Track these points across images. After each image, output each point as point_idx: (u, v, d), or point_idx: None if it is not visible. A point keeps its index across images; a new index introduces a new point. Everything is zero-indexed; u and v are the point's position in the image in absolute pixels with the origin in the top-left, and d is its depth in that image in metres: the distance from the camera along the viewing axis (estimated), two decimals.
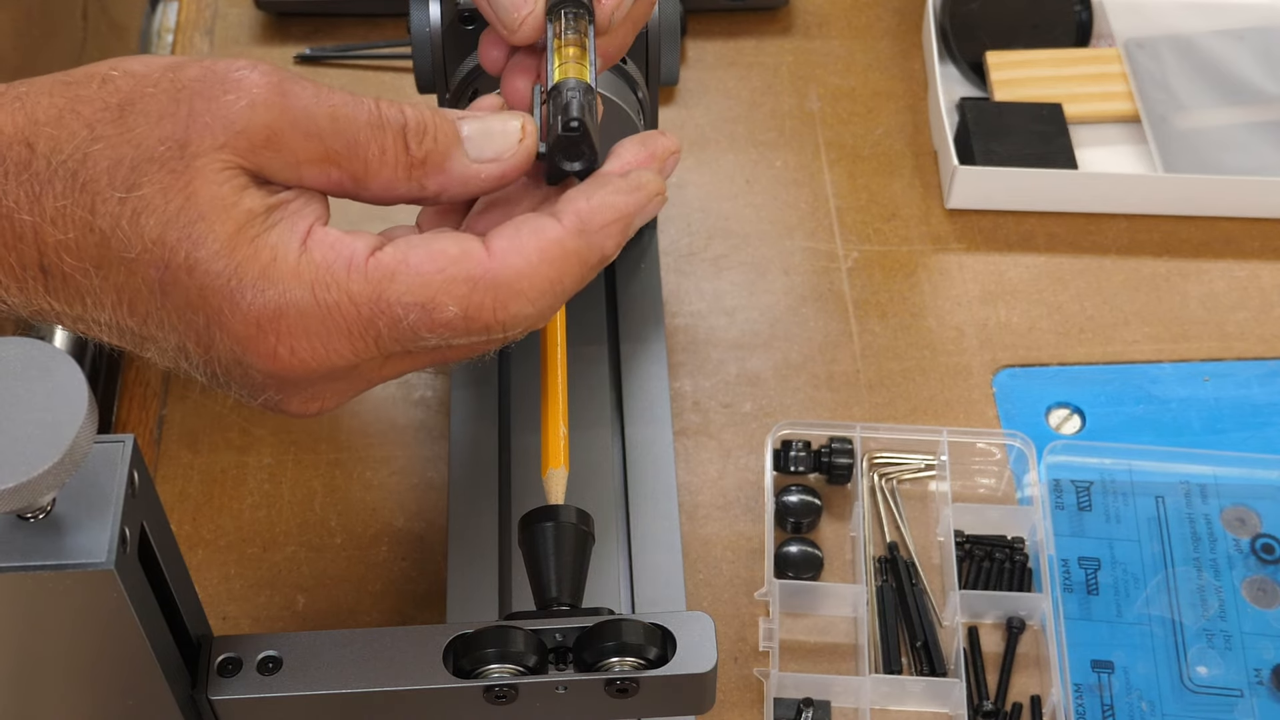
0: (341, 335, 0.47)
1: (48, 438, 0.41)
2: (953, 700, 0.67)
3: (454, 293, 0.47)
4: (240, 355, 0.47)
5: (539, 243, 0.48)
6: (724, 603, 0.71)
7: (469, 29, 0.66)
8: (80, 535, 0.43)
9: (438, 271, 0.47)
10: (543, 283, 0.48)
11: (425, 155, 0.49)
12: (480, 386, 0.73)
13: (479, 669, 0.51)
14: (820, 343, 0.80)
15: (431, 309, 0.47)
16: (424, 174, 0.49)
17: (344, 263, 0.47)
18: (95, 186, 0.45)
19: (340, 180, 0.49)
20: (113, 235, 0.46)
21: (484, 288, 0.47)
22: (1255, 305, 0.82)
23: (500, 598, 0.66)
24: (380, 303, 0.47)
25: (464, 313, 0.47)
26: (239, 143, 0.46)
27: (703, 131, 0.89)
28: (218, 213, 0.46)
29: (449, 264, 0.47)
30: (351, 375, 0.50)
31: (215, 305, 0.46)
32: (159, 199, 0.45)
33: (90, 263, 0.46)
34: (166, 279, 0.46)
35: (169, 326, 0.48)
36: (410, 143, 0.49)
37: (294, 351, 0.47)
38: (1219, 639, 0.70)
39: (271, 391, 0.50)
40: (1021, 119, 0.86)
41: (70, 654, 0.47)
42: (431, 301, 0.47)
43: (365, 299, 0.47)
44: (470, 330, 0.48)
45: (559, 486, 0.57)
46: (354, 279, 0.47)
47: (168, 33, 0.95)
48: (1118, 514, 0.74)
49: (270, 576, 0.72)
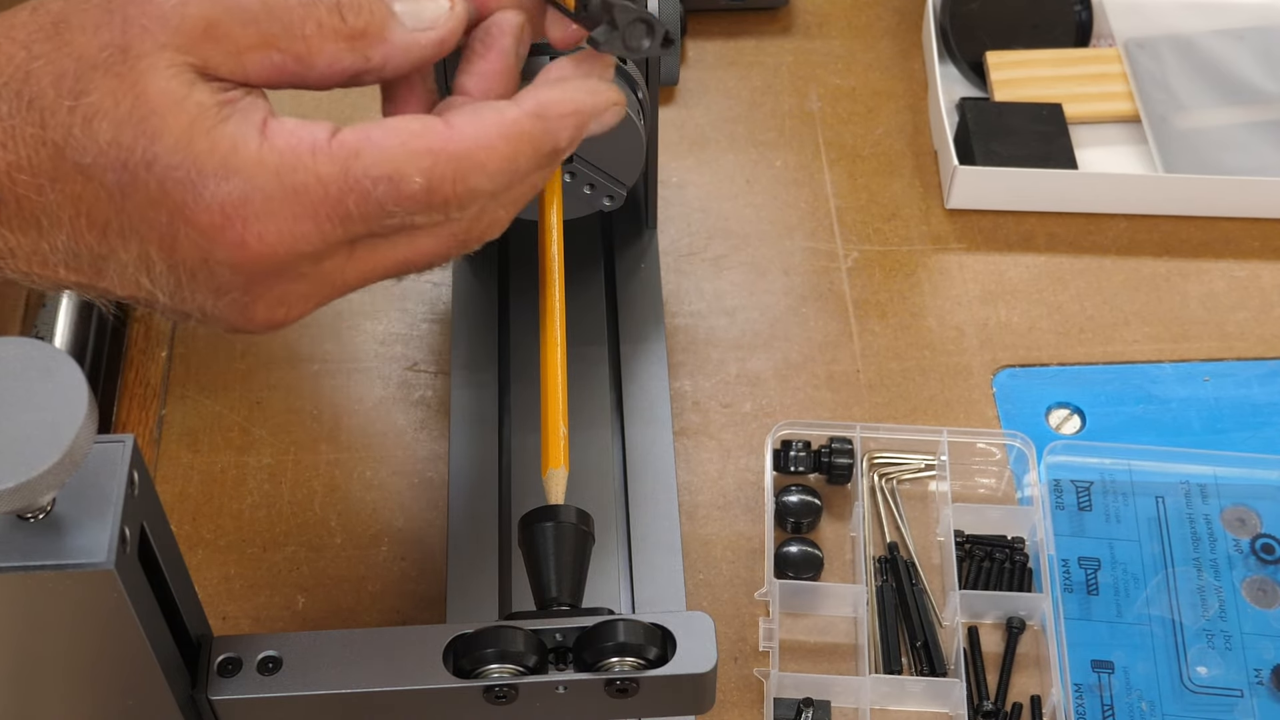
0: (309, 217, 0.47)
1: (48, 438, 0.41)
2: (953, 700, 0.67)
3: (418, 164, 0.47)
4: (207, 250, 0.47)
5: (498, 120, 0.49)
6: (724, 603, 0.71)
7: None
8: (80, 535, 0.43)
9: (400, 144, 0.48)
10: (500, 159, 0.49)
11: (364, 26, 0.49)
12: (480, 387, 0.73)
13: (479, 669, 0.51)
14: (820, 343, 0.80)
15: (398, 180, 0.47)
16: (366, 45, 0.49)
17: (307, 146, 0.47)
18: (42, 101, 0.46)
19: (284, 64, 0.48)
20: (66, 145, 0.46)
21: (445, 159, 0.48)
22: (1255, 305, 0.82)
23: (500, 598, 0.66)
24: (348, 178, 0.47)
25: (427, 184, 0.48)
26: (178, 39, 0.47)
27: (703, 131, 0.89)
28: (169, 107, 0.46)
29: (411, 137, 0.48)
30: (318, 272, 0.50)
31: (178, 199, 0.46)
32: (109, 102, 0.46)
33: (45, 177, 0.46)
34: (125, 180, 0.46)
35: (130, 232, 0.47)
36: (346, 15, 0.49)
37: (261, 238, 0.47)
38: (1219, 639, 0.70)
39: (238, 292, 0.49)
40: (1021, 119, 0.86)
41: (70, 654, 0.47)
42: (397, 173, 0.47)
43: (332, 177, 0.47)
44: (432, 204, 0.48)
45: (559, 486, 0.57)
46: (320, 159, 0.47)
47: None
48: (1118, 514, 0.74)
49: (270, 576, 0.72)
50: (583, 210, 0.71)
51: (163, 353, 0.79)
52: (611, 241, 0.78)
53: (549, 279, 0.63)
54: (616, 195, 0.70)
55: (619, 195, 0.70)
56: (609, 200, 0.70)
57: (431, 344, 0.79)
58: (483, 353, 0.74)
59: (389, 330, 0.80)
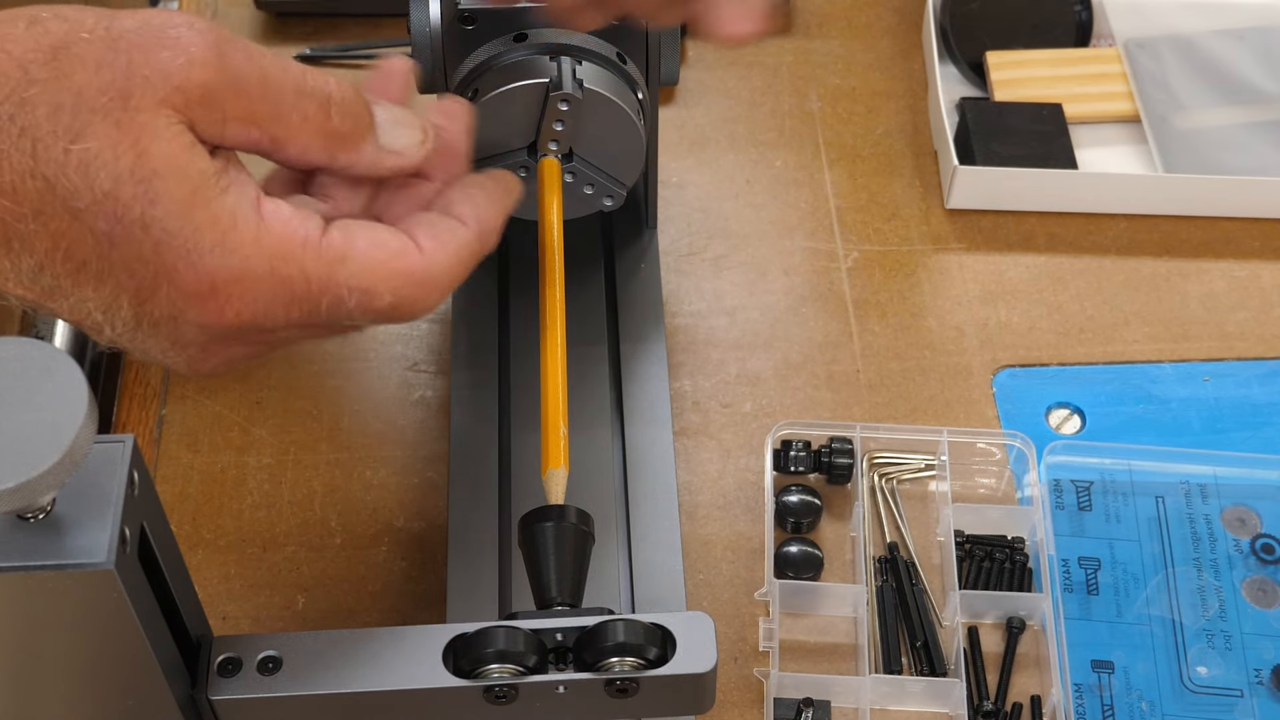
0: (286, 304, 0.49)
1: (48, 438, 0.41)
2: (953, 700, 0.67)
3: (391, 284, 0.50)
4: (182, 310, 0.49)
5: (456, 245, 0.52)
6: (724, 603, 0.71)
7: (469, 29, 0.66)
8: (80, 535, 0.43)
9: (381, 263, 0.50)
10: (454, 280, 0.53)
11: (345, 131, 0.51)
12: (480, 387, 0.73)
13: (479, 669, 0.51)
14: (820, 343, 0.80)
15: (371, 296, 0.50)
16: (339, 147, 0.51)
17: (300, 239, 0.49)
18: (36, 133, 0.46)
19: (259, 140, 0.50)
20: (58, 184, 0.46)
21: (415, 283, 0.51)
22: (1255, 305, 0.82)
23: (500, 598, 0.66)
24: (330, 283, 0.49)
25: (394, 303, 0.51)
26: (176, 99, 0.47)
27: (703, 131, 0.89)
28: (172, 172, 0.47)
29: (390, 257, 0.51)
30: (269, 341, 0.52)
31: (169, 263, 0.47)
32: (108, 153, 0.46)
33: (29, 208, 0.46)
34: (117, 232, 0.47)
35: (106, 276, 0.48)
36: (333, 114, 0.51)
37: (239, 313, 0.49)
38: (1219, 639, 0.70)
39: (195, 349, 0.51)
40: (1021, 119, 0.86)
41: (70, 654, 0.47)
42: (372, 289, 0.50)
43: (316, 277, 0.49)
44: (392, 317, 0.51)
45: (559, 486, 0.57)
46: (309, 257, 0.49)
47: None
48: (1118, 514, 0.74)
49: (270, 576, 0.72)
50: (583, 210, 0.71)
51: None
52: (611, 241, 0.78)
53: (549, 279, 0.63)
54: (616, 195, 0.70)
55: (619, 195, 0.70)
56: (609, 200, 0.70)
57: (431, 344, 0.79)
58: (483, 353, 0.74)
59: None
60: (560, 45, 0.65)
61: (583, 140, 0.67)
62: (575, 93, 0.65)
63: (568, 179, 0.68)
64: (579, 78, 0.65)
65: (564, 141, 0.67)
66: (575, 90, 0.65)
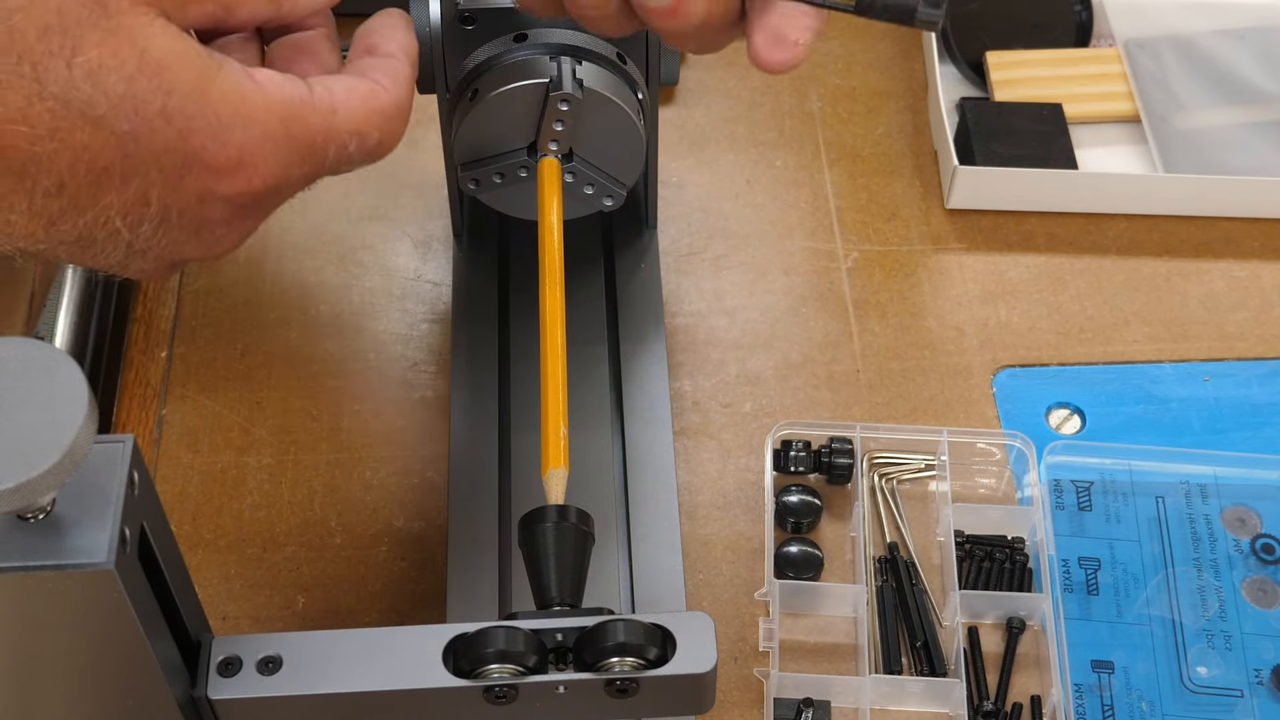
0: (301, 161, 0.53)
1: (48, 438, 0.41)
2: (953, 700, 0.67)
3: (374, 122, 0.55)
4: (211, 188, 0.51)
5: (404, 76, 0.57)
6: (724, 603, 0.71)
7: (469, 29, 0.66)
8: (80, 535, 0.43)
9: (362, 105, 0.55)
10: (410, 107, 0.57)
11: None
12: (480, 386, 0.73)
13: (479, 669, 0.51)
14: (820, 343, 0.80)
15: (364, 137, 0.55)
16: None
17: (300, 99, 0.53)
18: (32, 56, 0.47)
19: (213, 11, 0.53)
20: (71, 98, 0.47)
21: (389, 117, 0.56)
22: (1255, 305, 0.82)
23: (500, 598, 0.66)
24: (332, 132, 0.53)
25: (380, 139, 0.55)
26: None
27: (703, 131, 0.89)
28: (177, 60, 0.49)
29: (367, 98, 0.55)
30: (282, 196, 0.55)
31: (196, 145, 0.50)
32: (111, 60, 0.48)
33: (44, 129, 0.47)
34: (140, 129, 0.49)
35: (132, 175, 0.50)
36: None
37: (265, 179, 0.52)
38: (1219, 639, 0.70)
39: (220, 227, 0.54)
40: (1021, 119, 0.86)
41: (70, 654, 0.47)
42: (364, 131, 0.55)
43: (322, 130, 0.53)
44: (377, 153, 0.56)
45: (559, 486, 0.57)
46: (310, 113, 0.53)
47: None
48: (1118, 514, 0.74)
49: (270, 576, 0.72)
50: (583, 210, 0.71)
51: (163, 353, 0.79)
52: (611, 241, 0.78)
53: (549, 279, 0.63)
54: (616, 195, 0.70)
55: (619, 195, 0.70)
56: (609, 200, 0.70)
57: (431, 344, 0.79)
58: (482, 353, 0.74)
59: (389, 330, 0.80)
60: (560, 45, 0.65)
61: (583, 140, 0.67)
62: (575, 93, 0.65)
63: (568, 179, 0.68)
64: (579, 78, 0.65)
65: (564, 141, 0.67)
66: (575, 90, 0.65)
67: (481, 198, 0.70)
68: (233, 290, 0.82)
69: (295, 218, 0.84)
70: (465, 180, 0.69)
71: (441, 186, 0.84)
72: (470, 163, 0.68)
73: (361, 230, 0.84)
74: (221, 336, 0.80)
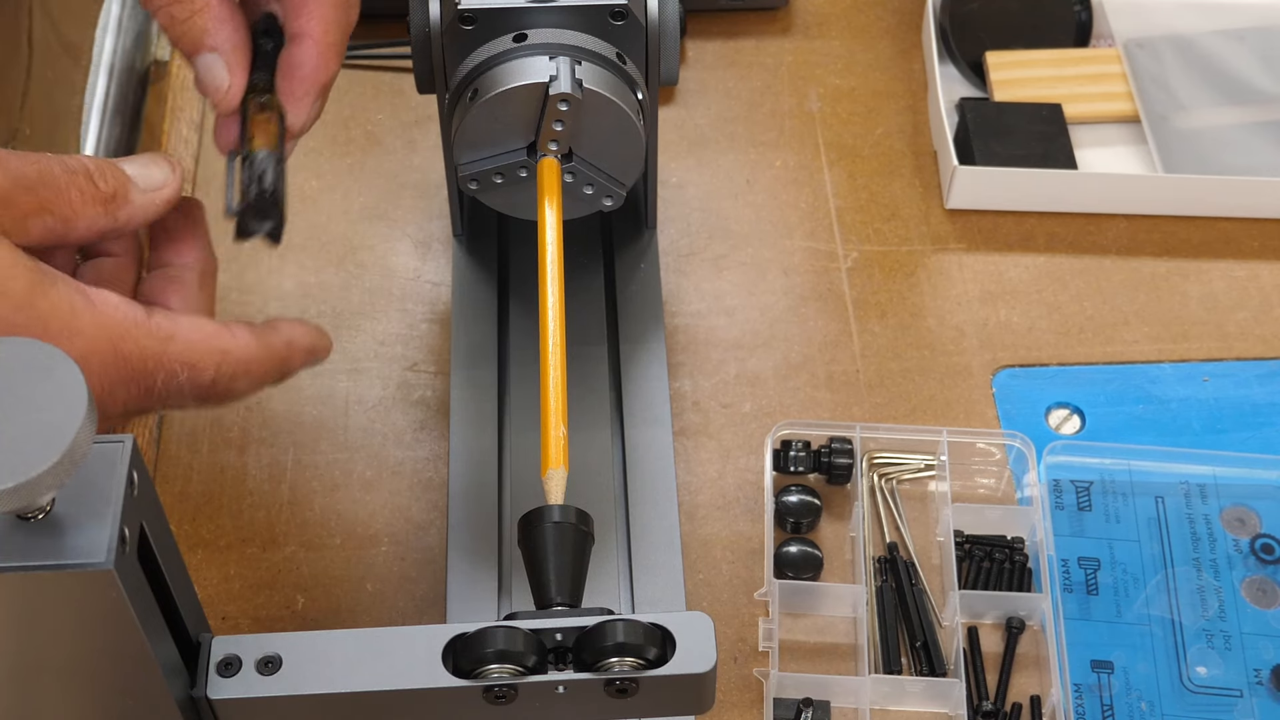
0: (125, 382, 0.53)
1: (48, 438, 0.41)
2: (952, 700, 0.67)
3: (213, 359, 0.55)
4: None
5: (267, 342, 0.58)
6: (724, 603, 0.71)
7: (469, 29, 0.66)
8: (80, 535, 0.43)
9: (203, 340, 0.55)
10: (262, 372, 0.57)
11: (113, 190, 0.56)
12: (480, 387, 0.73)
13: (479, 669, 0.51)
14: (820, 343, 0.80)
15: (197, 371, 0.55)
16: (116, 206, 0.56)
17: (133, 321, 0.53)
18: None
19: (54, 227, 0.54)
20: None
21: (231, 361, 0.56)
22: (1255, 305, 0.82)
23: (500, 598, 0.66)
24: (163, 358, 0.54)
25: (214, 378, 0.55)
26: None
27: (703, 131, 0.89)
28: (8, 272, 0.50)
29: (210, 336, 0.55)
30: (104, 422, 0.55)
31: None
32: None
33: None
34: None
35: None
36: (97, 181, 0.55)
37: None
38: (1219, 639, 0.70)
39: None
40: (1021, 119, 0.86)
41: (70, 654, 0.47)
42: (198, 364, 0.55)
43: (153, 354, 0.53)
44: (210, 394, 0.56)
45: (559, 486, 0.57)
46: (143, 335, 0.53)
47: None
48: (1117, 514, 0.74)
49: (270, 576, 0.72)
50: (583, 210, 0.71)
51: None
52: (611, 241, 0.78)
53: (548, 279, 0.63)
54: (616, 195, 0.70)
55: (619, 195, 0.70)
56: (609, 200, 0.70)
57: (431, 344, 0.79)
58: (482, 353, 0.74)
59: (389, 330, 0.80)
60: (560, 45, 0.65)
61: (582, 140, 0.67)
62: (575, 93, 0.65)
63: (567, 179, 0.68)
64: (578, 78, 0.65)
65: (564, 141, 0.67)
66: (575, 90, 0.65)
67: (481, 198, 0.70)
68: (232, 290, 0.82)
69: (295, 218, 0.84)
70: (465, 180, 0.69)
71: (441, 186, 0.84)
72: (470, 163, 0.68)
73: (361, 230, 0.84)
74: None
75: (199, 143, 0.88)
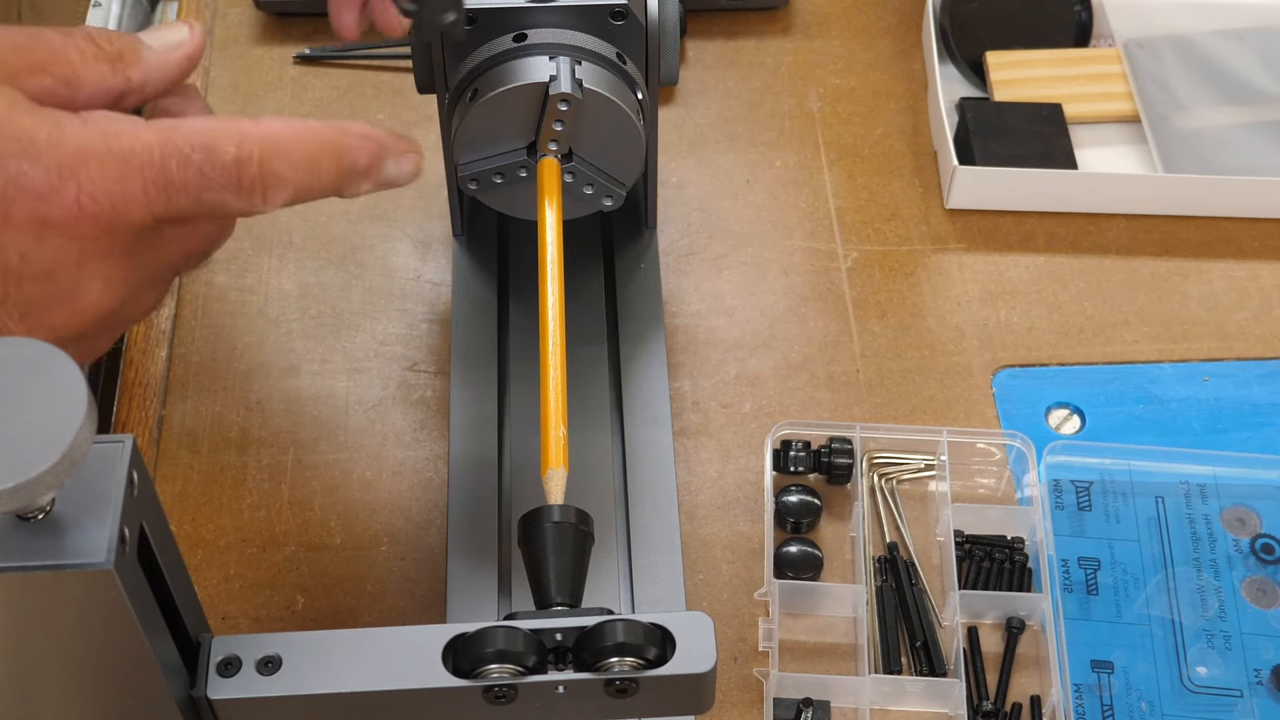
0: (137, 176, 0.50)
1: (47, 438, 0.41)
2: (953, 700, 0.67)
3: (229, 138, 0.52)
4: (44, 215, 0.50)
5: (303, 122, 0.54)
6: (724, 603, 0.71)
7: (469, 29, 0.66)
8: (80, 535, 0.43)
9: (213, 124, 0.52)
10: (303, 152, 0.53)
11: (119, 50, 0.54)
12: (480, 387, 0.73)
13: (479, 669, 0.51)
14: (820, 343, 0.80)
15: (213, 149, 0.51)
16: (125, 65, 0.54)
17: (127, 121, 0.51)
18: None
19: (54, 87, 0.52)
20: None
21: (254, 139, 0.52)
22: (1255, 305, 0.82)
23: (500, 598, 0.66)
24: (169, 144, 0.51)
25: (238, 156, 0.52)
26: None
27: (703, 131, 0.89)
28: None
29: (222, 120, 0.53)
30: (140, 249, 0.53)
31: (12, 170, 0.49)
32: None
33: None
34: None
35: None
36: (100, 42, 0.54)
37: (95, 198, 0.50)
38: (1219, 639, 0.70)
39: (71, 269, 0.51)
40: (1021, 119, 0.86)
41: (70, 654, 0.47)
42: (213, 143, 0.51)
43: (156, 143, 0.51)
44: (241, 181, 0.52)
45: (559, 486, 0.57)
46: (141, 129, 0.51)
47: None
48: (1117, 514, 0.74)
49: (270, 576, 0.72)
50: (583, 210, 0.71)
51: (163, 352, 0.79)
52: (611, 241, 0.78)
53: (548, 279, 0.63)
54: (616, 195, 0.70)
55: (619, 195, 0.70)
56: (609, 200, 0.70)
57: (431, 344, 0.79)
58: (482, 353, 0.74)
59: (389, 330, 0.80)
60: (560, 45, 0.65)
61: (582, 140, 0.67)
62: (575, 93, 0.65)
63: (567, 179, 0.68)
64: (578, 78, 0.65)
65: (564, 141, 0.67)
66: (575, 90, 0.65)
67: (481, 198, 0.70)
68: (232, 290, 0.82)
69: (295, 218, 0.84)
70: (465, 180, 0.69)
71: (441, 186, 0.84)
72: (470, 163, 0.68)
73: (361, 230, 0.84)
74: (221, 336, 0.80)
75: None
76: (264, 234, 0.84)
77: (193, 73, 0.57)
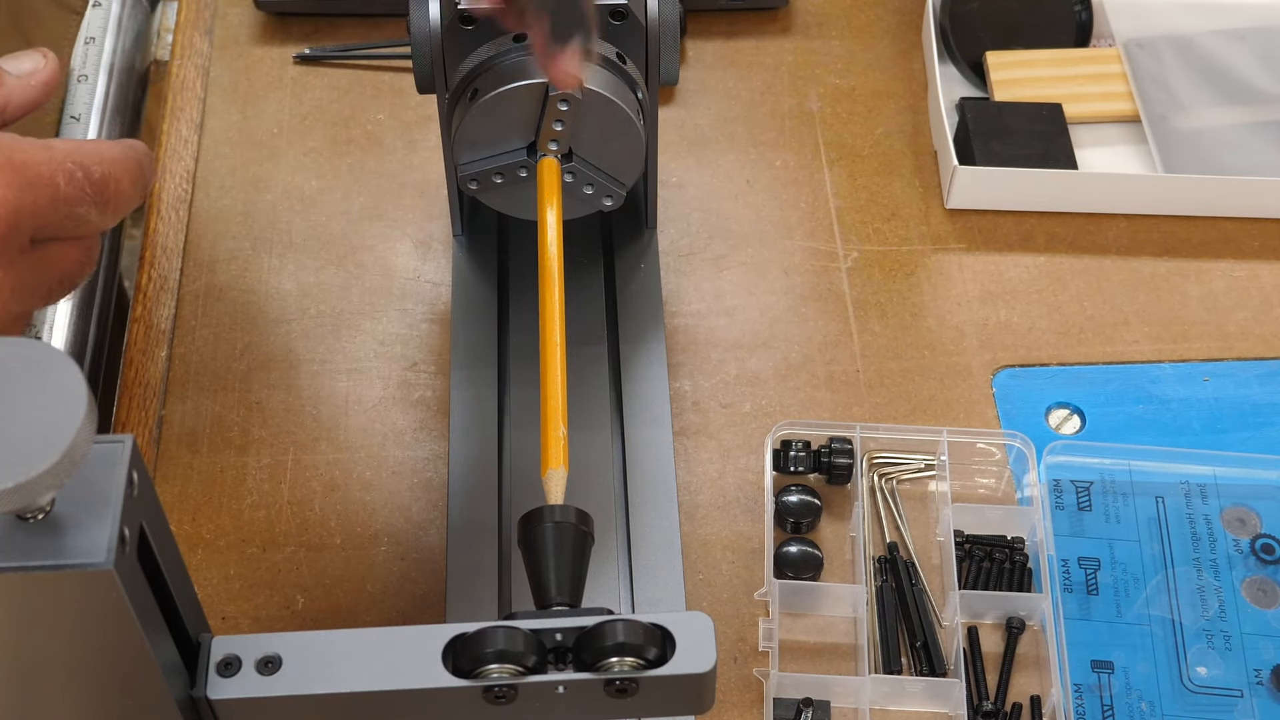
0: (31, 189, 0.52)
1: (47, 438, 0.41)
2: (953, 700, 0.67)
3: (94, 158, 0.55)
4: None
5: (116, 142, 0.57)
6: (724, 603, 0.71)
7: (469, 29, 0.66)
8: (79, 535, 0.43)
9: (76, 145, 0.55)
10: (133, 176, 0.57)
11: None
12: (480, 387, 0.73)
13: (479, 669, 0.51)
14: (820, 343, 0.80)
15: (88, 169, 0.54)
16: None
17: (15, 136, 0.53)
18: None
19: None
20: None
21: (107, 159, 0.55)
22: (1255, 305, 0.82)
23: (500, 598, 0.66)
24: (53, 162, 0.53)
25: (103, 176, 0.55)
26: None
27: (703, 131, 0.89)
28: None
29: (80, 141, 0.55)
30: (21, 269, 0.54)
31: None
32: None
33: None
34: None
35: None
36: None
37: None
38: (1219, 639, 0.70)
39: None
40: (1021, 119, 0.86)
41: (70, 654, 0.47)
42: (86, 163, 0.54)
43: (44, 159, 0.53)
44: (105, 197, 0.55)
45: (559, 486, 0.57)
46: (28, 145, 0.53)
47: (167, 32, 0.95)
48: (1118, 514, 0.74)
49: (270, 576, 0.72)
50: (583, 210, 0.71)
51: (162, 353, 0.79)
52: (611, 241, 0.78)
53: (549, 279, 0.63)
54: (616, 195, 0.70)
55: (619, 195, 0.70)
56: (609, 200, 0.70)
57: (431, 344, 0.79)
58: (482, 353, 0.74)
59: (389, 330, 0.80)
60: None
61: (582, 140, 0.67)
62: (575, 93, 0.65)
63: (568, 179, 0.68)
64: None
65: (564, 141, 0.67)
66: (575, 90, 0.65)
67: (481, 198, 0.70)
68: (232, 290, 0.82)
69: (295, 218, 0.84)
70: (465, 180, 0.69)
71: (441, 186, 0.84)
72: (470, 163, 0.68)
73: (361, 230, 0.84)
74: (221, 336, 0.80)
75: (198, 143, 0.88)
76: (264, 234, 0.84)
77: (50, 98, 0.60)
